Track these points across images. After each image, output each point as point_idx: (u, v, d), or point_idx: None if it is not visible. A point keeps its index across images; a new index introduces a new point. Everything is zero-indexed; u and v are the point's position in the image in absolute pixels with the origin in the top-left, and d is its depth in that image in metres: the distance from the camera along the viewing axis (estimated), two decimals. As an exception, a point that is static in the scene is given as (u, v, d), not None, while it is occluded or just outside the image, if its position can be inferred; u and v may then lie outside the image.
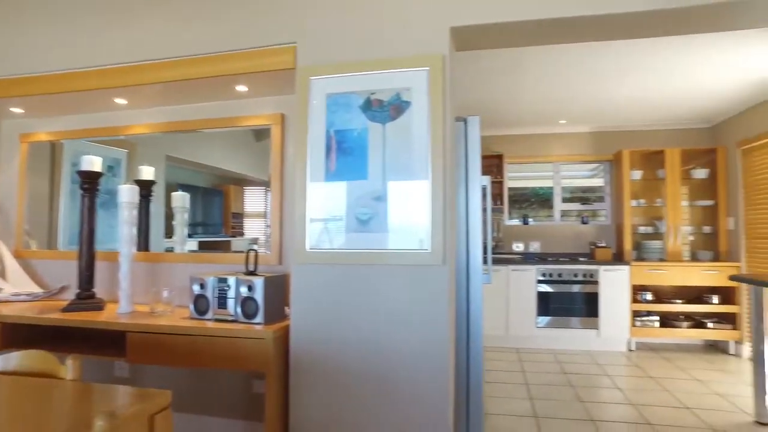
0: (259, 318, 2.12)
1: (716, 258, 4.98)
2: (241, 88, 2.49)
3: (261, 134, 2.66)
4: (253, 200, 2.71)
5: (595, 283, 4.87)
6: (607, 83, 4.00)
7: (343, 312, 2.04)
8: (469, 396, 2.28)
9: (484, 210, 4.95)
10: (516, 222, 5.69)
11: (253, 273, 2.26)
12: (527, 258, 5.28)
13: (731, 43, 3.19)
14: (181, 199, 2.78)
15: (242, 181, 2.72)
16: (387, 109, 2.02)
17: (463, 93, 4.30)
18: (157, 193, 2.82)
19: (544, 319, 4.95)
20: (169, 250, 2.77)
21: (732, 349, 4.76)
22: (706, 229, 5.07)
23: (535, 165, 5.75)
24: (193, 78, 2.34)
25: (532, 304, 4.96)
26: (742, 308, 4.65)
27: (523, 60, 3.50)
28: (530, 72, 3.75)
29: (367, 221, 2.03)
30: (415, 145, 2.00)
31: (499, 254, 5.54)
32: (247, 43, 2.29)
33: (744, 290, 4.63)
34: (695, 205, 5.16)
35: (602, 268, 4.85)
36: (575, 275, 4.90)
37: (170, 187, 2.80)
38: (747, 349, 4.59)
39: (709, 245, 5.15)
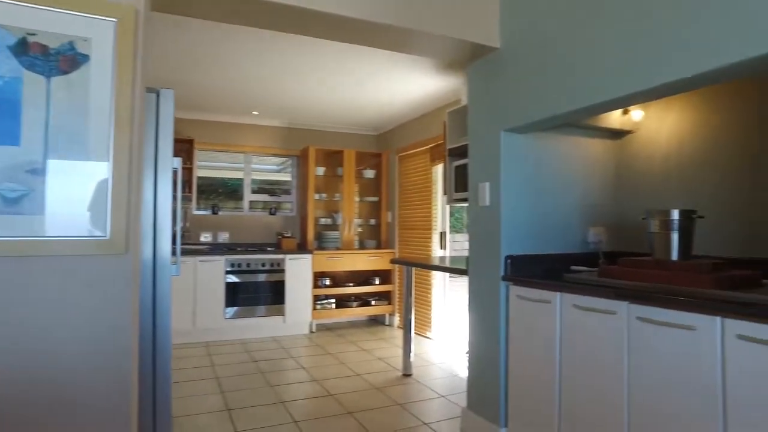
0: None
1: (379, 246, 5.92)
2: None
3: None
4: None
5: (282, 271, 5.12)
6: (300, 81, 4.23)
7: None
8: (155, 406, 2.02)
9: (175, 197, 4.56)
10: (205, 212, 5.46)
11: None
12: (216, 248, 5.14)
13: (406, 67, 3.82)
14: None
15: None
16: (54, 58, 1.59)
17: (156, 64, 3.84)
18: None
19: (233, 310, 4.91)
20: None
21: (387, 320, 5.75)
22: (372, 221, 5.97)
23: (227, 154, 5.65)
24: None
25: (221, 295, 4.86)
26: (395, 287, 5.67)
27: (221, 43, 3.35)
28: (227, 57, 3.63)
29: (16, 200, 1.55)
30: (94, 112, 1.63)
31: (187, 245, 5.22)
32: None
33: (397, 272, 5.66)
34: (364, 201, 6.02)
35: (288, 257, 5.13)
36: (263, 264, 5.04)
37: None
38: (397, 320, 5.63)
39: (374, 235, 6.08)
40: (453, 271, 2.86)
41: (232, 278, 4.93)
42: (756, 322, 1.42)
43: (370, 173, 5.92)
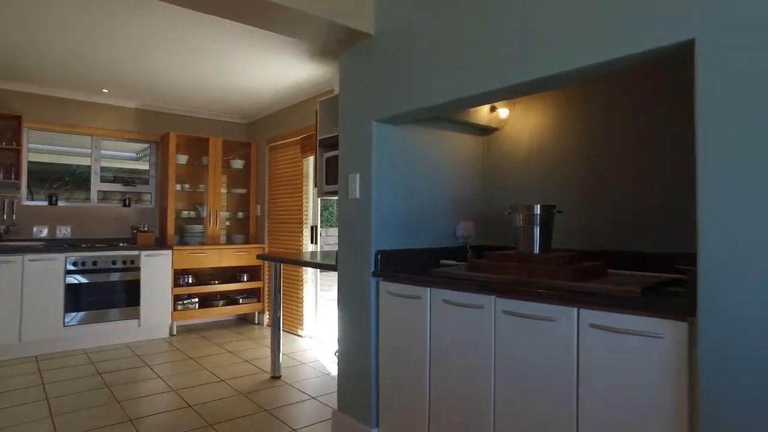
0: None
1: (247, 240, 5.58)
2: None
3: None
4: None
5: (137, 269, 4.57)
6: (159, 59, 3.77)
7: None
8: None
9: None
10: (39, 202, 4.68)
11: None
12: (53, 244, 4.42)
13: (278, 51, 3.56)
14: None
15: None
16: None
17: (-42, 22, 3.14)
18: None
19: (76, 316, 4.27)
20: None
21: (257, 319, 5.46)
22: (240, 214, 5.61)
23: (71, 137, 4.89)
24: None
25: (59, 299, 4.19)
26: (264, 283, 5.40)
27: (58, 3, 2.82)
28: (65, 22, 3.08)
29: None
30: None
31: (14, 241, 4.41)
32: None
33: (266, 268, 5.39)
34: (232, 193, 5.63)
35: (144, 253, 4.60)
36: (113, 262, 4.45)
37: None
38: (267, 318, 5.36)
39: (242, 229, 5.73)
40: (322, 267, 2.73)
41: (76, 279, 4.28)
42: (603, 310, 1.49)
43: (238, 163, 5.55)
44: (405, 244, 2.44)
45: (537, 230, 2.02)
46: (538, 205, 2.02)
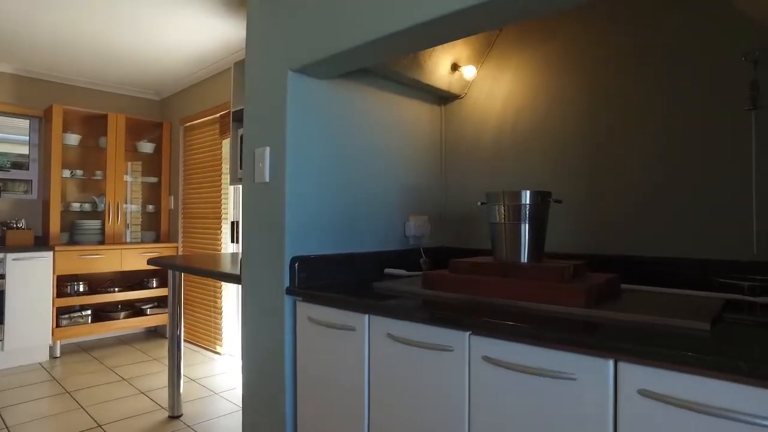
0: None
1: (158, 239, 4.69)
2: None
3: None
4: None
5: (2, 277, 3.60)
6: (38, 11, 2.85)
7: None
8: None
9: None
10: None
11: None
12: None
13: (193, 9, 2.75)
14: None
15: None
16: None
17: None
18: None
19: None
20: None
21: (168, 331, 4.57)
22: (150, 207, 4.71)
23: None
24: None
25: None
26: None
27: None
28: None
29: None
30: None
31: None
32: None
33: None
34: (141, 182, 4.71)
35: (11, 256, 3.63)
36: (-31, 269, 3.47)
37: None
38: (182, 331, 4.50)
39: (153, 225, 4.82)
40: (225, 278, 1.97)
41: None
42: (667, 367, 0.85)
43: (147, 147, 4.64)
44: (335, 248, 1.73)
45: (526, 228, 1.37)
46: (528, 192, 1.37)
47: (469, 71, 2.02)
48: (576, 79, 1.75)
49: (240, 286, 1.72)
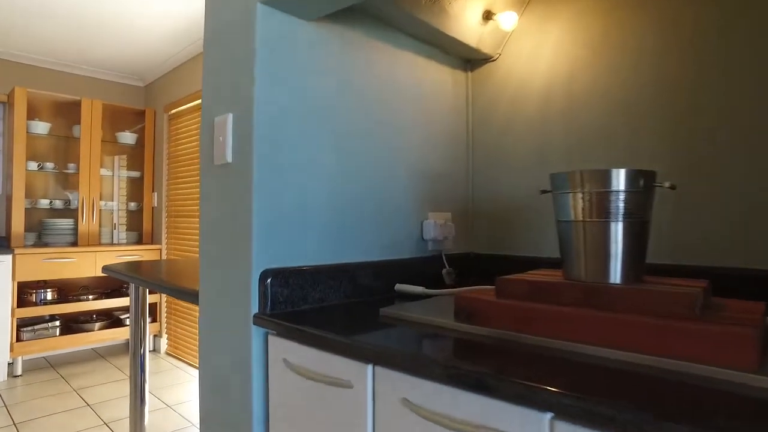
0: None
1: (140, 240, 4.22)
2: None
3: None
4: None
5: (-47, 283, 3.13)
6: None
7: None
8: None
9: None
10: None
11: None
12: None
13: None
14: None
15: None
16: None
17: None
18: None
19: None
20: None
21: (152, 344, 4.10)
22: (132, 205, 4.24)
23: None
24: None
25: None
26: (163, 297, 4.05)
27: None
28: None
29: None
30: None
31: None
32: None
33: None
34: (120, 177, 4.24)
35: (-35, 260, 3.17)
36: None
37: None
38: (165, 343, 4.02)
39: (134, 225, 4.34)
40: (181, 296, 1.48)
41: None
42: None
43: (129, 138, 4.17)
44: (325, 256, 1.23)
45: (618, 228, 0.87)
46: (623, 173, 0.87)
47: (507, 19, 1.52)
48: (665, 32, 1.24)
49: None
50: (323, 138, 1.23)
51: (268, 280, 1.09)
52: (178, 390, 3.14)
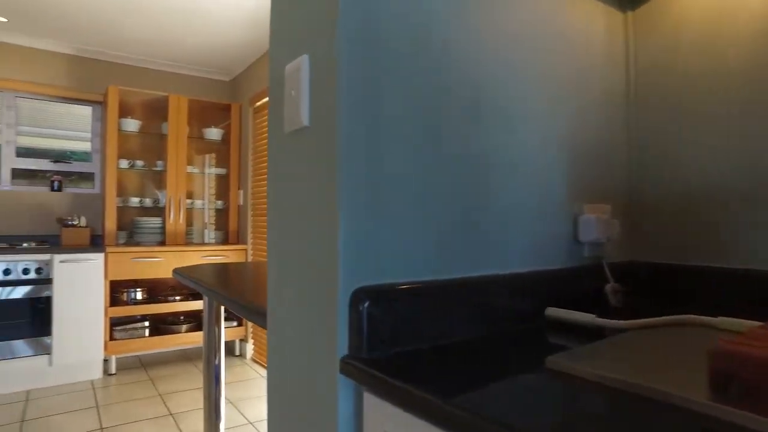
0: None
1: (226, 240, 4.09)
2: None
3: None
4: None
5: (48, 282, 3.13)
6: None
7: None
8: None
9: None
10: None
11: None
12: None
13: None
14: None
15: None
16: None
17: None
18: None
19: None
20: None
21: (238, 349, 3.95)
22: (219, 203, 4.12)
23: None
24: None
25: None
26: (249, 299, 3.87)
27: None
28: None
29: None
30: None
31: None
32: None
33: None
34: (207, 174, 4.14)
35: (58, 258, 3.15)
36: (7, 272, 3.02)
37: None
38: (251, 348, 3.85)
39: (221, 224, 4.23)
40: (250, 316, 1.14)
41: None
42: None
43: (215, 133, 4.05)
44: (442, 268, 0.82)
45: None
46: None
47: None
48: None
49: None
50: (431, 96, 0.82)
51: (365, 305, 0.70)
52: (262, 403, 2.91)
